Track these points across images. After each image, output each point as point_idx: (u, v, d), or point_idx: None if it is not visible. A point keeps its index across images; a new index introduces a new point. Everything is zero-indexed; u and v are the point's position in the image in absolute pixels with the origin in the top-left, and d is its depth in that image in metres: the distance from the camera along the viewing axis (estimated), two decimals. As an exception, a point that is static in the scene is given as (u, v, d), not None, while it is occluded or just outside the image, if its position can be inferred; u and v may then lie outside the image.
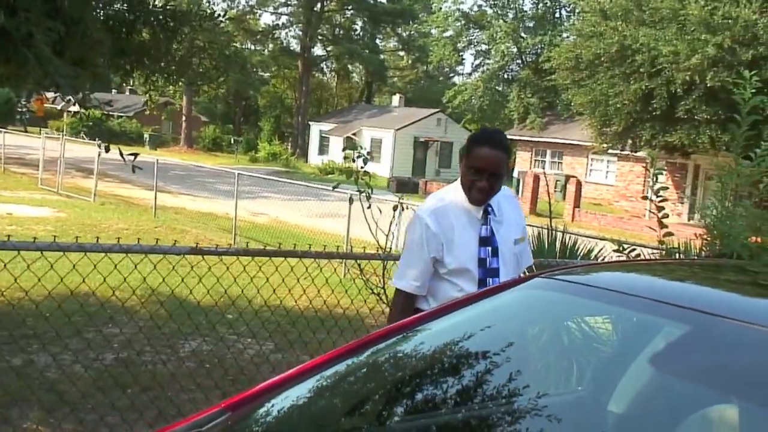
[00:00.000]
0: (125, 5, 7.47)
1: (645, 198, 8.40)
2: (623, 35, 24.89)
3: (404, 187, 23.03)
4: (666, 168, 32.03)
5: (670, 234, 7.73)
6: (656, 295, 1.95)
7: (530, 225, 10.17)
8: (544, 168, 36.01)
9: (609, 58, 25.40)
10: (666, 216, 7.81)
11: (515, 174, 33.23)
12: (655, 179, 6.71)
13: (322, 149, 48.23)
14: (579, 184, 27.71)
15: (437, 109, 46.06)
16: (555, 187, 30.18)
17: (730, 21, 22.95)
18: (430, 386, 2.01)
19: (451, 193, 3.29)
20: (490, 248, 3.22)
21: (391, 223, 5.06)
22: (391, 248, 5.14)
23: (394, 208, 4.91)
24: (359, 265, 5.17)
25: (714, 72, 22.63)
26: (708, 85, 22.74)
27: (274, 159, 43.13)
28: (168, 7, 7.63)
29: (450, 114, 47.07)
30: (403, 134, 43.89)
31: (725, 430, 1.70)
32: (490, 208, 3.24)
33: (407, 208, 14.97)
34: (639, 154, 30.08)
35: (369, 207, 4.86)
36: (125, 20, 7.36)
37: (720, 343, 1.76)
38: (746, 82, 6.68)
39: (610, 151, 31.48)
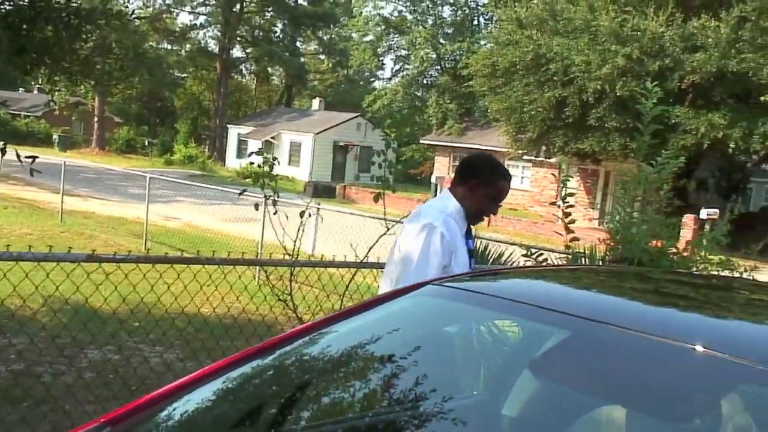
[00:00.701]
0: (26, 1, 7.18)
1: (553, 203, 8.58)
2: (538, 44, 25.42)
3: (321, 191, 22.98)
4: (578, 174, 32.92)
5: (576, 239, 7.93)
6: (541, 302, 1.95)
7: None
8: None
9: (524, 66, 25.89)
10: (572, 221, 7.99)
11: (433, 179, 33.53)
12: (563, 186, 6.85)
13: (241, 152, 47.62)
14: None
15: (357, 114, 46.09)
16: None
17: (638, 33, 23.73)
18: (305, 395, 1.98)
19: (446, 207, 3.47)
20: (473, 259, 3.54)
21: (298, 228, 4.98)
22: (298, 254, 5.06)
23: (301, 214, 4.83)
24: (265, 271, 5.07)
25: (623, 82, 23.33)
26: (617, 94, 23.44)
27: (191, 162, 42.34)
28: (72, 4, 7.37)
29: (370, 118, 47.17)
30: (322, 138, 43.74)
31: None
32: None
33: (317, 213, 14.75)
34: (553, 160, 30.79)
35: (275, 213, 4.78)
36: (26, 16, 7.07)
37: (598, 349, 1.77)
38: (649, 93, 6.92)
39: (525, 157, 32.10)
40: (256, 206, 4.87)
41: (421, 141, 42.85)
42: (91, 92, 53.39)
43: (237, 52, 59.60)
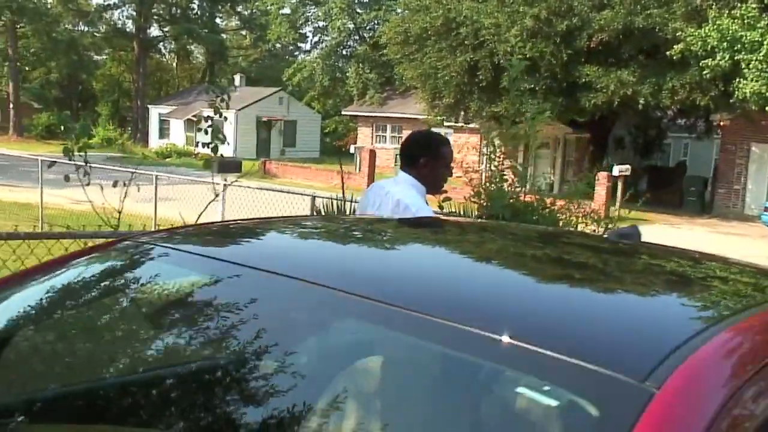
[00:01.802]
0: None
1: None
2: (448, 8, 25.31)
3: (226, 167, 22.64)
4: (500, 138, 33.07)
5: (448, 198, 7.89)
6: (237, 258, 1.79)
7: (320, 197, 10.04)
8: (385, 143, 36.35)
9: (435, 31, 25.77)
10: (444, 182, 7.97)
11: (352, 150, 33.31)
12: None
13: (163, 133, 46.66)
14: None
15: (279, 88, 45.47)
16: (396, 162, 30.53)
17: (546, -7, 23.81)
18: None
19: (410, 188, 3.75)
20: None
21: (122, 198, 4.74)
22: (118, 225, 4.82)
23: (114, 184, 4.59)
24: (85, 244, 4.81)
25: (533, 43, 23.41)
26: (527, 55, 23.48)
27: (109, 144, 41.22)
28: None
29: (292, 92, 46.59)
30: (245, 114, 43.03)
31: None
32: None
33: (223, 190, 14.47)
34: (473, 125, 30.84)
35: (88, 184, 4.53)
36: None
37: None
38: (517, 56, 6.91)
39: (445, 123, 32.09)
40: (66, 177, 4.61)
41: (342, 112, 42.51)
42: (5, 78, 51.63)
43: (155, 31, 58.19)
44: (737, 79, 19.60)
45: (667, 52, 21.52)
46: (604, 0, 23.73)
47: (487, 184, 8.00)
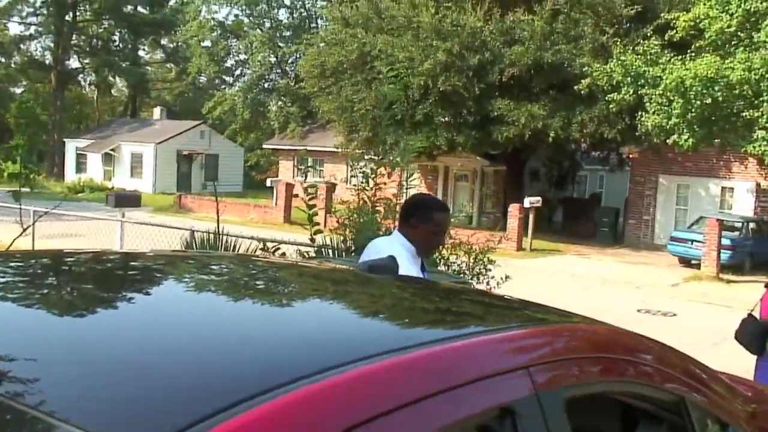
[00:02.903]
0: None
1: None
2: (363, 42, 25.42)
3: (125, 201, 22.28)
4: (419, 170, 33.26)
5: (320, 231, 7.83)
6: None
7: (198, 230, 9.79)
8: (305, 177, 36.07)
9: (351, 64, 25.85)
10: (315, 213, 7.92)
11: (268, 183, 32.99)
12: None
13: (80, 167, 45.51)
14: (329, 190, 28.00)
15: (200, 122, 44.88)
16: (307, 194, 30.30)
17: (458, 28, 24.14)
18: None
19: (399, 247, 3.73)
20: None
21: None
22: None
23: None
24: None
25: (446, 76, 23.65)
26: (440, 89, 23.74)
27: (17, 180, 39.76)
28: None
29: (214, 126, 46.02)
30: (164, 148, 42.32)
31: None
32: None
33: (120, 226, 14.00)
34: (392, 158, 30.88)
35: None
36: None
37: None
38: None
39: (366, 156, 32.03)
40: None
41: (264, 146, 42.15)
42: None
43: (74, 63, 56.97)
44: (640, 113, 20.12)
45: (576, 87, 21.99)
46: (516, 36, 24.18)
47: (355, 215, 7.92)
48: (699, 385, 2.04)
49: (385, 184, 8.86)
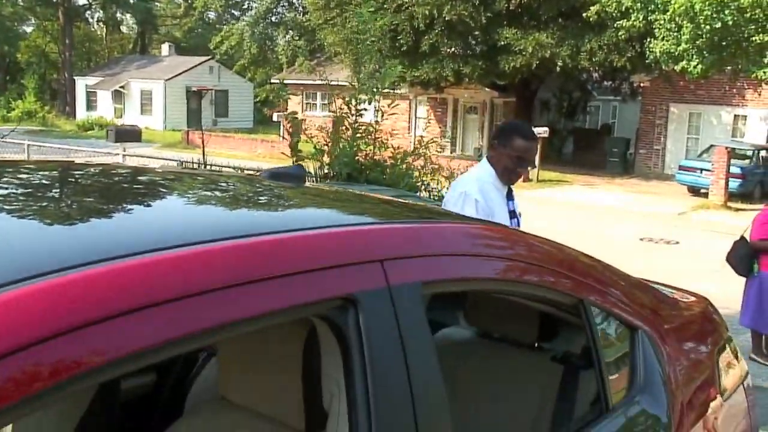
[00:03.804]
0: None
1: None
2: (367, -29, 24.86)
3: (125, 136, 22.32)
4: (428, 103, 32.91)
5: (301, 159, 7.84)
6: None
7: (188, 162, 9.75)
8: (315, 110, 35.83)
9: (355, -6, 25.35)
10: (297, 141, 7.92)
11: (275, 118, 32.80)
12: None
13: (90, 105, 45.42)
14: (335, 123, 27.75)
15: (208, 57, 44.43)
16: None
17: (464, -46, 23.52)
18: None
19: (482, 173, 3.77)
20: (515, 220, 3.83)
21: None
22: None
23: None
24: None
25: (452, 5, 23.17)
26: (446, 18, 23.28)
27: (29, 118, 39.85)
28: None
29: (223, 61, 45.56)
30: (173, 84, 42.08)
31: None
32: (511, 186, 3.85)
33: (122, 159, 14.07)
34: (401, 91, 30.55)
35: None
36: None
37: None
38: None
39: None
40: None
41: (272, 81, 41.71)
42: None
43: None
44: (649, 39, 19.68)
45: (584, 14, 21.47)
46: (523, -38, 23.56)
47: (344, 145, 7.89)
48: (601, 287, 1.99)
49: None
